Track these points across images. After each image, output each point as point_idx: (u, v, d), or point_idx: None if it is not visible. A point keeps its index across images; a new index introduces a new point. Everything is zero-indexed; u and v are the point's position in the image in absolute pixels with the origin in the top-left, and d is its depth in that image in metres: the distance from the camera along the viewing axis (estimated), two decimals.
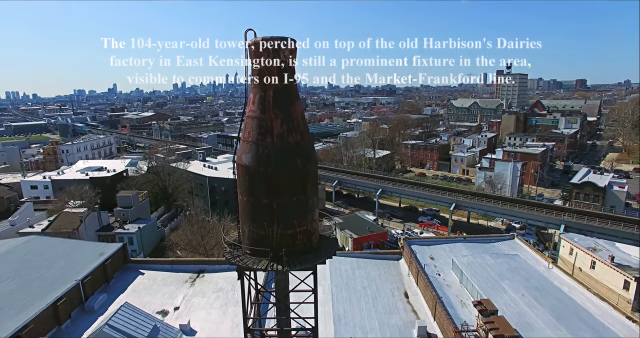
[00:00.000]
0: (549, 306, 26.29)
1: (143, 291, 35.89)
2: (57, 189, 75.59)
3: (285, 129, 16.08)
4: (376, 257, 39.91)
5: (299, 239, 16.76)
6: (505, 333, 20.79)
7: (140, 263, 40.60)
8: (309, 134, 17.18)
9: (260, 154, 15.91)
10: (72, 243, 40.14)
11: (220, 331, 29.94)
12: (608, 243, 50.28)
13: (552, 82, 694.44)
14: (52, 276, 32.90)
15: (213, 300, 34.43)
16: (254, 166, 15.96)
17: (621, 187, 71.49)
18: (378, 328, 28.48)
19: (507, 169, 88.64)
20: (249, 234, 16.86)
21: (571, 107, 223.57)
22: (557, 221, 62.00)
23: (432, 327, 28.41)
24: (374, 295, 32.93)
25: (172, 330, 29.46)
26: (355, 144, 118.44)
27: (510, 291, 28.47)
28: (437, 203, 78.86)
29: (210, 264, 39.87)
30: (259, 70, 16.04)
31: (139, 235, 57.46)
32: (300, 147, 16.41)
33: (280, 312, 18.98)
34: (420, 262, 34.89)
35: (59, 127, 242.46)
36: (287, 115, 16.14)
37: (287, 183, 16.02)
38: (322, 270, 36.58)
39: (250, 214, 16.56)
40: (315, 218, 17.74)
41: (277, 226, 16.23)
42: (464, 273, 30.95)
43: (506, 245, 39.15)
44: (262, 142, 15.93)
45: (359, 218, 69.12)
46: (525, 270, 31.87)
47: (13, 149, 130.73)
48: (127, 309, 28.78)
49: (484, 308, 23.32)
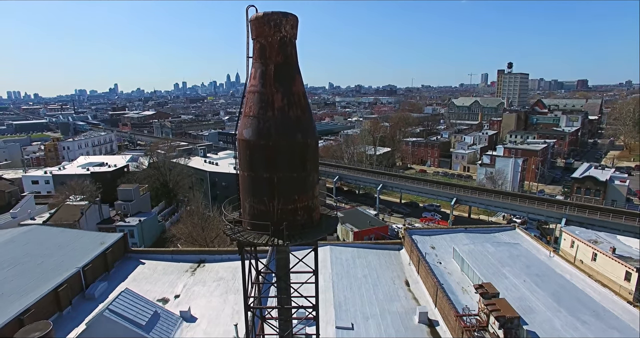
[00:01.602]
0: (550, 291, 26.21)
1: (143, 280, 35.87)
2: (58, 184, 75.62)
3: (286, 103, 16.09)
4: (377, 247, 39.86)
5: (300, 215, 16.73)
6: (507, 314, 20.73)
7: (141, 253, 40.60)
8: (310, 110, 17.16)
9: (261, 127, 15.91)
10: (73, 233, 40.18)
11: (221, 317, 29.93)
12: (609, 236, 50.18)
13: (553, 83, 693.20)
14: (52, 263, 32.90)
15: (214, 288, 34.40)
16: (254, 140, 15.96)
17: (622, 182, 71.32)
18: (379, 315, 28.41)
19: (508, 165, 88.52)
20: (249, 210, 16.83)
21: (572, 106, 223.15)
22: (558, 215, 61.86)
23: (433, 314, 28.35)
24: (374, 283, 32.86)
25: (172, 316, 29.47)
26: (356, 140, 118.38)
27: (512, 277, 28.40)
28: (438, 198, 78.72)
29: (210, 254, 39.90)
30: (260, 45, 16.07)
31: (139, 228, 57.46)
32: (301, 122, 16.41)
33: (281, 291, 18.95)
34: (421, 251, 34.83)
35: (60, 126, 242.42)
36: (288, 89, 16.16)
37: (287, 158, 16.02)
38: (323, 259, 36.53)
39: (251, 189, 16.54)
40: (316, 195, 17.71)
41: (278, 201, 16.20)
42: (465, 261, 30.90)
43: (507, 235, 39.08)
44: (263, 116, 15.93)
45: (360, 212, 69.06)
46: (527, 257, 31.80)
47: (14, 145, 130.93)
48: (128, 295, 28.81)
49: (485, 291, 23.28)
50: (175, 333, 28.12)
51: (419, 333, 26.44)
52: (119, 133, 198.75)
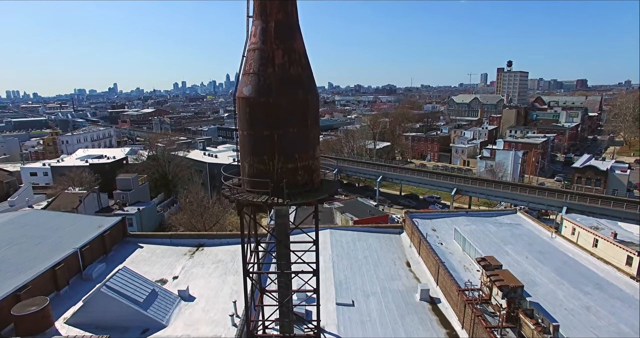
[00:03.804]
0: (553, 266, 25.95)
1: (142, 262, 35.51)
2: (56, 176, 75.27)
3: (287, 60, 15.89)
4: (377, 230, 39.57)
5: (300, 175, 16.49)
6: (511, 284, 20.47)
7: (140, 237, 40.27)
8: (310, 69, 16.92)
9: (261, 84, 15.69)
10: (71, 217, 39.91)
11: (220, 297, 29.57)
12: (610, 223, 49.93)
13: (553, 82, 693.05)
14: (50, 244, 32.58)
15: (212, 270, 34.05)
16: (254, 97, 15.72)
17: (623, 171, 71.08)
18: (380, 293, 28.13)
19: (508, 158, 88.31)
20: (249, 170, 16.57)
21: (572, 103, 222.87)
22: (559, 203, 61.63)
23: (434, 292, 28.05)
24: (375, 264, 32.59)
25: (170, 295, 29.12)
26: (356, 135, 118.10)
27: (514, 254, 28.13)
28: (439, 188, 78.42)
29: (209, 238, 39.56)
30: (261, 2, 15.86)
31: (138, 216, 57.11)
32: (302, 79, 16.22)
33: (280, 257, 18.66)
34: (422, 232, 34.54)
35: (59, 123, 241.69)
36: (289, 46, 15.96)
37: (287, 115, 15.78)
38: (323, 242, 36.20)
39: (251, 148, 16.28)
40: (317, 156, 17.47)
41: (278, 159, 15.95)
42: (467, 240, 30.62)
43: (509, 218, 38.80)
44: (263, 72, 15.72)
45: (359, 203, 68.72)
46: (529, 236, 31.55)
47: (13, 140, 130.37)
48: (126, 273, 28.48)
49: (488, 264, 23.02)
50: (174, 311, 27.79)
51: (420, 309, 26.17)
52: (118, 129, 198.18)
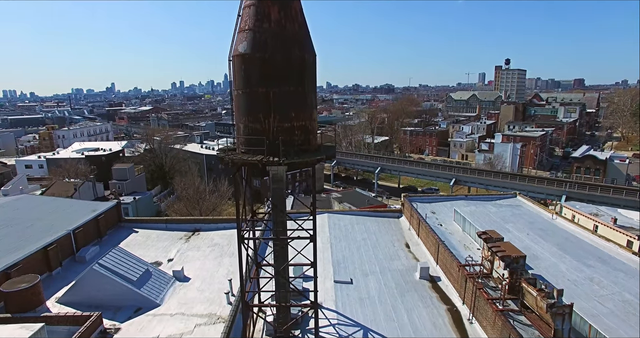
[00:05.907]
0: (555, 242, 25.54)
1: (136, 246, 34.90)
2: (52, 169, 74.52)
3: (283, 16, 15.41)
4: (376, 214, 39.12)
5: (297, 135, 16.03)
6: (513, 254, 20.04)
7: (135, 222, 39.71)
8: (307, 28, 16.44)
9: (257, 40, 15.21)
10: (65, 201, 39.37)
11: (215, 278, 29.05)
12: (610, 209, 49.64)
13: (550, 82, 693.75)
14: (43, 226, 32.01)
15: (208, 253, 33.51)
16: (250, 53, 15.25)
17: (622, 161, 70.84)
18: (379, 272, 27.70)
19: (507, 150, 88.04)
20: (244, 130, 16.07)
21: (570, 100, 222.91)
22: (558, 192, 61.31)
23: (434, 271, 27.62)
24: (373, 245, 32.16)
25: (165, 275, 28.58)
26: (354, 129, 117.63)
27: (515, 231, 27.71)
28: (437, 179, 78.01)
29: (206, 223, 39.01)
30: None
31: (134, 205, 56.48)
32: (298, 36, 15.75)
33: (277, 224, 18.18)
34: (421, 214, 34.10)
35: (56, 120, 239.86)
36: (284, 2, 15.48)
37: (283, 72, 15.32)
38: (321, 225, 35.67)
39: (246, 107, 15.79)
40: (314, 118, 17.05)
41: (274, 118, 15.47)
42: (467, 220, 30.19)
43: (509, 201, 38.38)
44: (259, 28, 15.24)
45: (358, 193, 68.44)
46: (529, 216, 31.14)
47: (8, 135, 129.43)
48: (119, 253, 27.98)
49: (489, 237, 22.58)
50: (168, 291, 27.25)
51: (420, 287, 25.74)
52: (115, 126, 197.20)
